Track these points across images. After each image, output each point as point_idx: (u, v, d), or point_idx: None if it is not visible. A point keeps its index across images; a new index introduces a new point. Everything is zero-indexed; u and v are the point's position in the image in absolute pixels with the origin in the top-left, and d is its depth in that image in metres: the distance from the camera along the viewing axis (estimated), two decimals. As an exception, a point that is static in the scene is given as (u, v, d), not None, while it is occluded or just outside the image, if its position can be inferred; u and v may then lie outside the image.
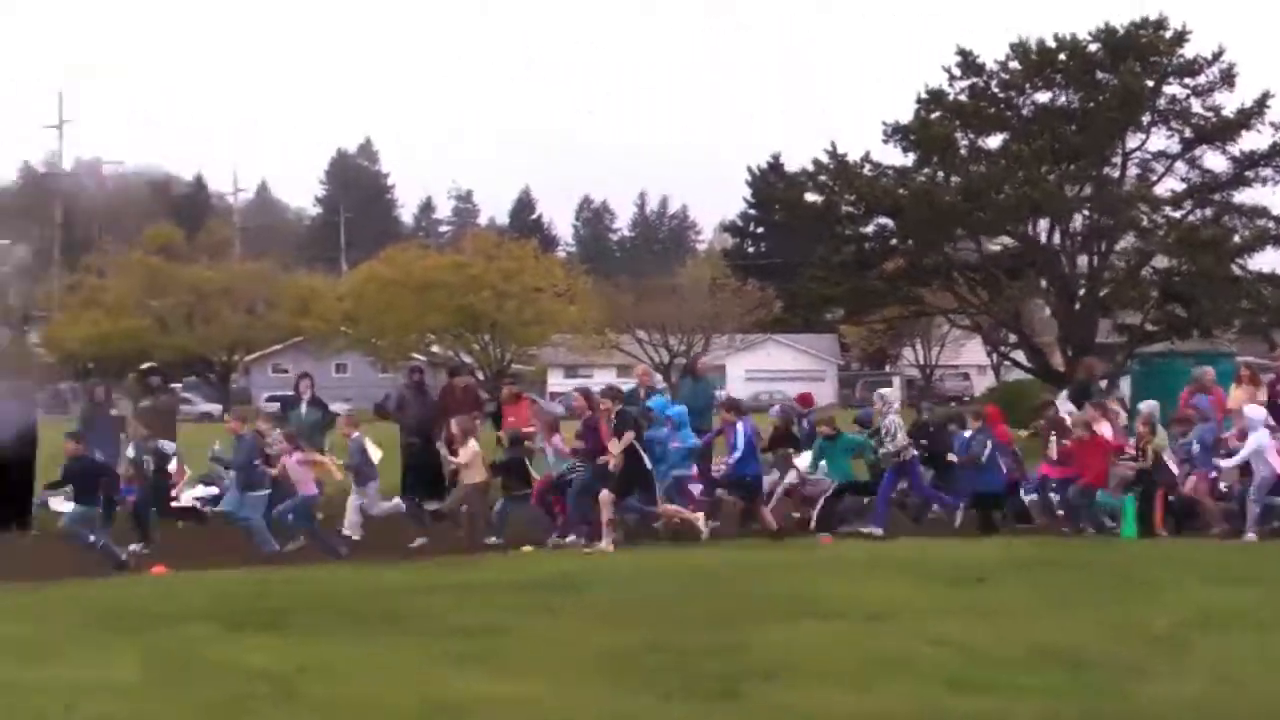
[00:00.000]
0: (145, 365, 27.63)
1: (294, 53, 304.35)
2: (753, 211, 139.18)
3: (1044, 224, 42.95)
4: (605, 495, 19.20)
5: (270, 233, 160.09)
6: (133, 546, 19.49)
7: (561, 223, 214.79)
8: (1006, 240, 44.93)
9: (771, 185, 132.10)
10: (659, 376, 65.34)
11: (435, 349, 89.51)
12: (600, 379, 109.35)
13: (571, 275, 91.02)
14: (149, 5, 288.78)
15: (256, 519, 20.09)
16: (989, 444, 21.60)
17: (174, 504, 23.67)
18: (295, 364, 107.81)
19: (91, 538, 18.53)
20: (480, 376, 76.98)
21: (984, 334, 60.48)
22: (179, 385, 70.22)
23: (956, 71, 42.99)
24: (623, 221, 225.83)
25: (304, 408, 24.44)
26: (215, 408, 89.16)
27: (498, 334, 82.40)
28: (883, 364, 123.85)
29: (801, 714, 9.68)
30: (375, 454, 22.33)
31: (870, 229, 45.07)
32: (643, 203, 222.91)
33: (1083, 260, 43.37)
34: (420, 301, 79.51)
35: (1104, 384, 22.87)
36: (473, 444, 21.09)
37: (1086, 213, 42.63)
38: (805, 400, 25.97)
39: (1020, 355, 47.40)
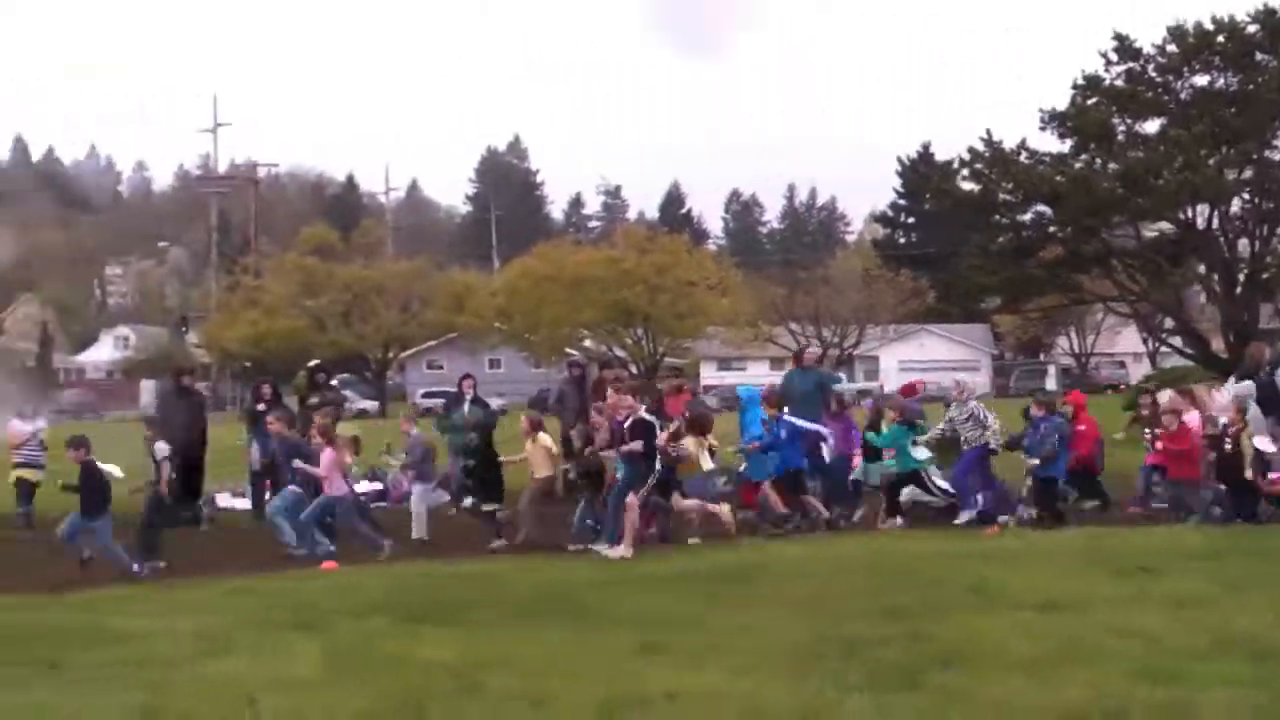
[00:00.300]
0: (312, 363, 27.87)
1: (443, 52, 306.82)
2: (903, 201, 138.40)
3: (1203, 209, 42.37)
4: (631, 499, 19.06)
5: (421, 231, 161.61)
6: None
7: (711, 216, 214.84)
8: (1165, 226, 44.39)
9: (922, 175, 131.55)
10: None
11: (588, 344, 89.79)
12: (754, 372, 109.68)
13: (723, 268, 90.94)
14: (299, 8, 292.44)
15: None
16: (1054, 432, 21.43)
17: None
18: (450, 360, 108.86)
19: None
20: (633, 370, 77.25)
21: (1141, 321, 59.87)
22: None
23: (1113, 56, 42.58)
24: (772, 214, 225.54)
25: (467, 406, 24.62)
26: (372, 404, 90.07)
27: (651, 328, 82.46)
28: (1037, 353, 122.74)
29: (985, 704, 9.51)
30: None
31: (1027, 217, 44.74)
32: (791, 195, 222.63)
33: (1243, 244, 42.82)
34: (573, 296, 79.73)
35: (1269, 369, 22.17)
36: (543, 438, 20.99)
37: (1246, 196, 42.09)
38: (909, 390, 25.68)
39: (1178, 341, 46.93)
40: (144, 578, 17.56)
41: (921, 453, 22.03)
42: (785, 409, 21.55)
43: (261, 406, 24.60)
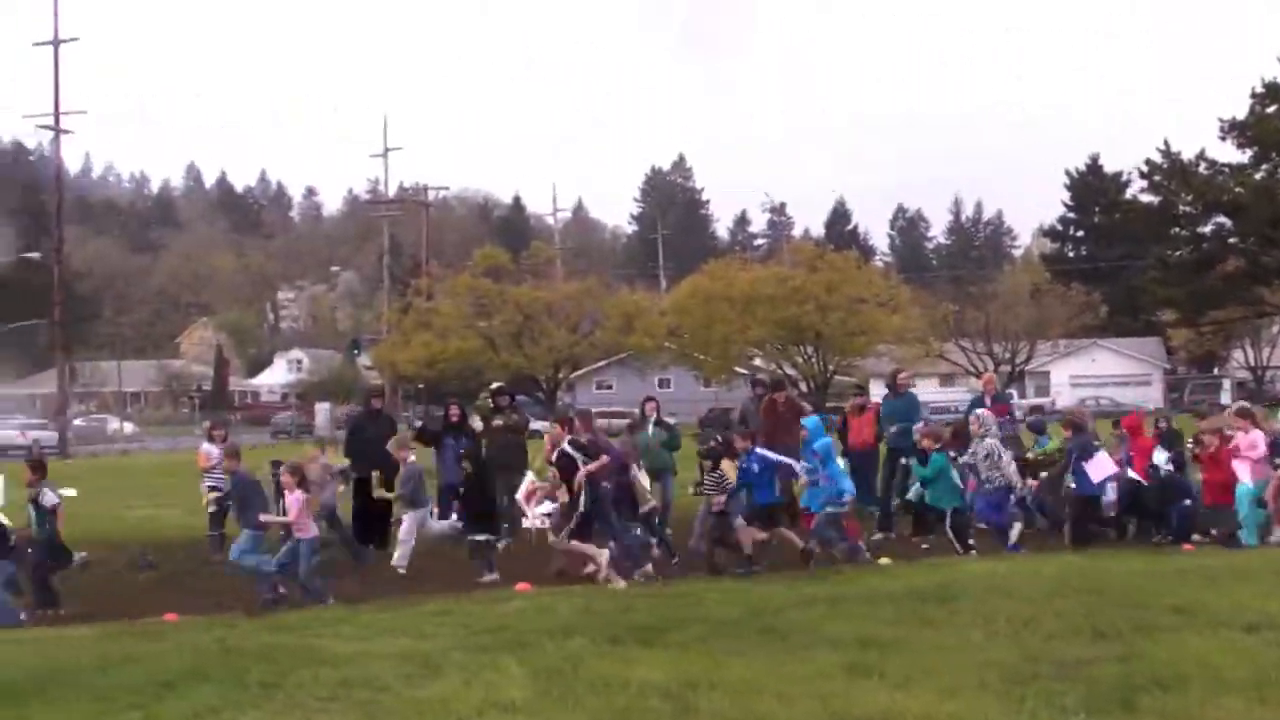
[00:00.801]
0: (494, 385, 27.96)
1: (607, 75, 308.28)
2: (1072, 215, 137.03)
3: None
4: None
5: (587, 251, 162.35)
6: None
7: (877, 232, 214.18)
8: (1351, 236, 43.54)
9: (1091, 187, 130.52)
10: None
11: (758, 362, 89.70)
12: (922, 389, 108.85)
13: (892, 285, 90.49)
14: (465, 35, 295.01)
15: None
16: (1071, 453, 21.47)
17: None
18: (619, 380, 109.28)
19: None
20: (803, 389, 77.08)
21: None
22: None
23: (1294, 64, 42.07)
24: (937, 229, 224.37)
25: (650, 428, 24.63)
26: (544, 425, 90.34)
27: (821, 346, 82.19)
28: (1211, 366, 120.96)
29: (1208, 726, 9.52)
30: None
31: (1207, 228, 44.14)
32: (958, 210, 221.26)
33: None
34: (743, 315, 79.65)
35: None
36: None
37: None
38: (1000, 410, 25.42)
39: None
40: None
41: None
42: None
43: (452, 421, 25.06)
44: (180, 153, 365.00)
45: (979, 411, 22.24)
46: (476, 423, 26.02)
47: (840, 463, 21.68)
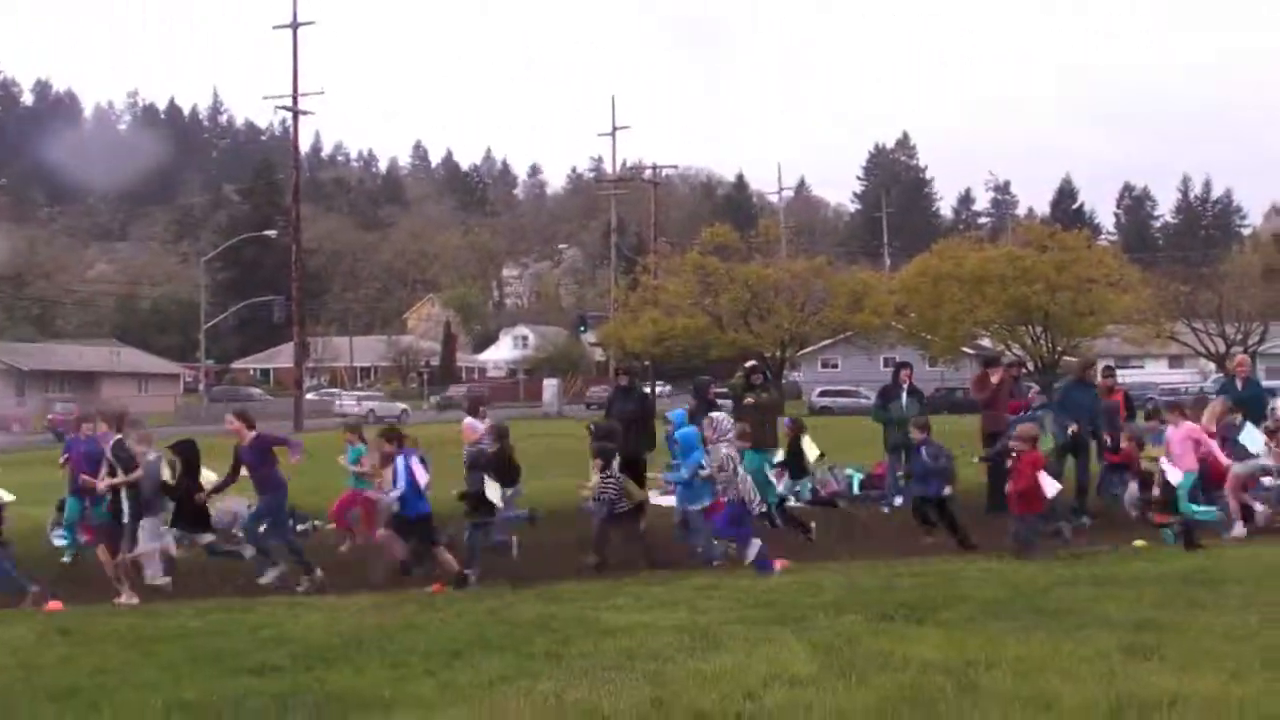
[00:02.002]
0: (749, 363, 27.96)
1: (831, 53, 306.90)
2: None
3: None
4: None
5: (810, 229, 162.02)
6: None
7: (1103, 211, 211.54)
8: None
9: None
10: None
11: (985, 342, 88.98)
12: (1152, 370, 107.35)
13: (1122, 264, 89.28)
14: (685, 12, 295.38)
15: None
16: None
17: None
18: (845, 359, 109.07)
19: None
20: (1030, 368, 76.39)
21: None
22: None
23: None
24: (1165, 208, 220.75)
25: (904, 398, 24.58)
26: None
27: (1050, 326, 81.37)
28: None
29: None
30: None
31: None
32: (1186, 188, 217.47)
33: None
34: (972, 294, 79.10)
35: None
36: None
37: None
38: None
39: None
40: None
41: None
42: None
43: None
44: (407, 131, 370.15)
45: (713, 415, 19.95)
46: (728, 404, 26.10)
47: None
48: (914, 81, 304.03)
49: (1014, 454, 18.68)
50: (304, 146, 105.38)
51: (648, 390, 26.93)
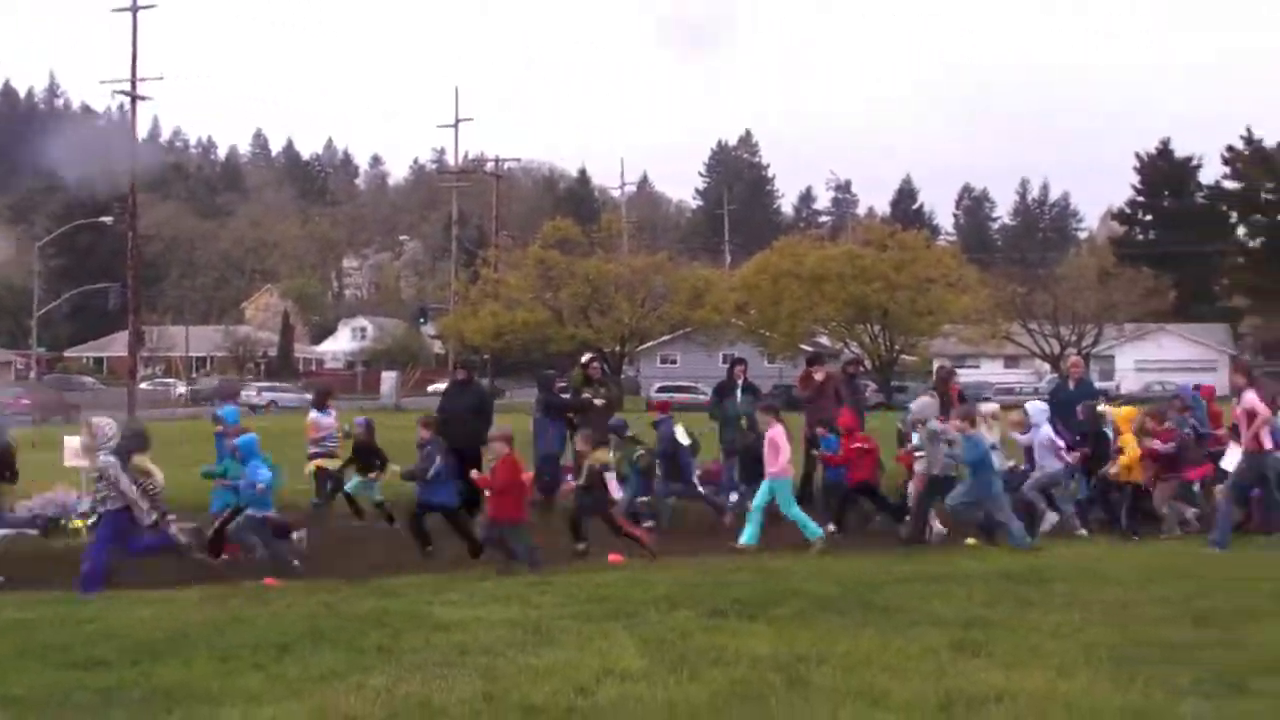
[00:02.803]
0: (585, 357, 27.72)
1: (670, 48, 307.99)
2: (1141, 199, 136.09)
3: None
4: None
5: (651, 225, 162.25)
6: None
7: (943, 212, 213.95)
8: None
9: (1161, 172, 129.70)
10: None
11: (824, 339, 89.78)
12: (988, 370, 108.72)
13: (960, 265, 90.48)
14: (528, 6, 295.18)
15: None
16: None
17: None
18: (684, 355, 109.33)
19: None
20: (868, 367, 77.18)
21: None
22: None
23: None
24: (1003, 210, 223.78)
25: (739, 395, 24.53)
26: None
27: (888, 324, 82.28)
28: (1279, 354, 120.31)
29: (1329, 711, 9.60)
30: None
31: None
32: (1024, 190, 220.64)
33: None
34: (812, 292, 79.84)
35: None
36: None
37: None
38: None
39: None
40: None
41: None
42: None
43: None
44: (248, 119, 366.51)
45: (96, 420, 18.18)
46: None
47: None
48: (758, 79, 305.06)
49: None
50: (142, 132, 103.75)
51: (486, 384, 27.10)
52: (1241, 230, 46.17)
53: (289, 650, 12.01)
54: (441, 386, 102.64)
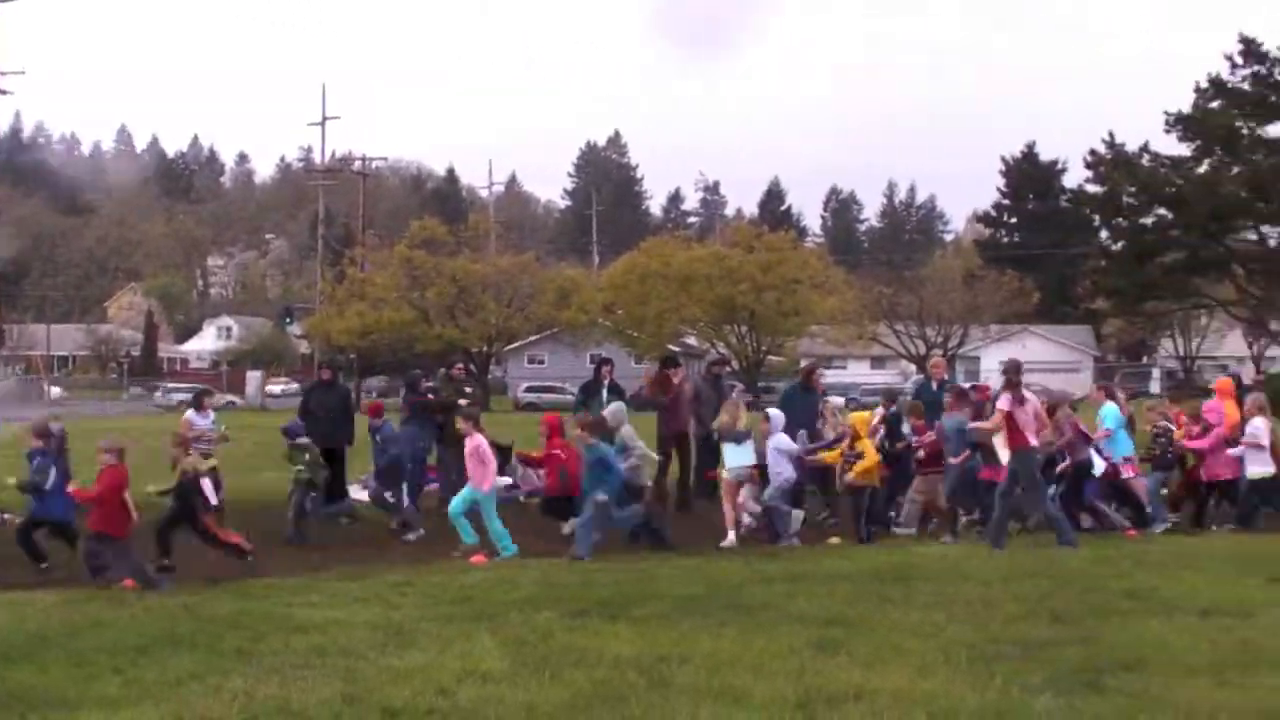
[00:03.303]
0: (452, 369, 27.52)
1: (542, 48, 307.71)
2: (1006, 201, 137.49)
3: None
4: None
5: (519, 225, 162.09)
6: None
7: (810, 213, 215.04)
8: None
9: (1026, 175, 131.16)
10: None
11: (691, 340, 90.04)
12: (855, 371, 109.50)
13: (826, 266, 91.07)
14: (399, 3, 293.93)
15: None
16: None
17: None
18: (551, 355, 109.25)
19: None
20: (734, 367, 77.46)
21: (1255, 324, 59.40)
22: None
23: (1239, 59, 42.08)
24: (870, 212, 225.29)
25: (605, 394, 24.51)
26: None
27: (755, 325, 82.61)
28: (1140, 355, 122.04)
29: (1176, 707, 9.57)
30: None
31: (1149, 220, 44.54)
32: (891, 193, 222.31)
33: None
34: (679, 293, 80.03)
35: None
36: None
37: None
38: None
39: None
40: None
41: None
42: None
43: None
44: (112, 115, 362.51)
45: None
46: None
47: None
48: (626, 78, 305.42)
49: None
50: (2, 127, 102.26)
51: (350, 385, 27.00)
52: (1104, 233, 47.05)
53: (146, 653, 11.87)
54: (278, 390, 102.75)
